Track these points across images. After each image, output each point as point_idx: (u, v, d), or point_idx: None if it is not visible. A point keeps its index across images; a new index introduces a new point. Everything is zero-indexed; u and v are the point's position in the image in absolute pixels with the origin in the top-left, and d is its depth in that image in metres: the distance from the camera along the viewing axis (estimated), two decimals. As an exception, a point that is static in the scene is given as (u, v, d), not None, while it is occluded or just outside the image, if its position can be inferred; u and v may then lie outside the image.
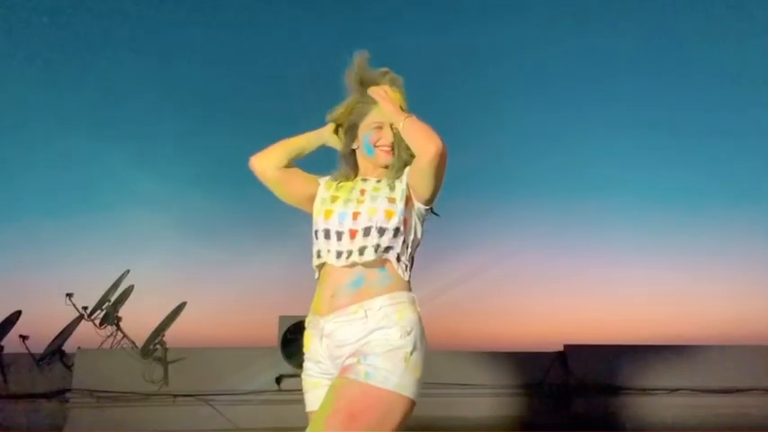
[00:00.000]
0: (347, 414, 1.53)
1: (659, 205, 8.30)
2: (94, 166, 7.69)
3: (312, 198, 1.92)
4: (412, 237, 1.83)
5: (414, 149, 1.75)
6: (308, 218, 1.91)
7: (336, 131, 1.97)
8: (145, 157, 7.65)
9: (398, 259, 1.76)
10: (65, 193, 7.69)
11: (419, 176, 1.76)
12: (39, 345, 5.40)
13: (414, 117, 1.77)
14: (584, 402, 5.60)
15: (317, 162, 2.02)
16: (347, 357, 1.66)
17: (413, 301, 1.75)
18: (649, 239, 8.25)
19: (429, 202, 1.83)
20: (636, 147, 8.44)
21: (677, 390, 5.66)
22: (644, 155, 8.47)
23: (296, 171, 1.94)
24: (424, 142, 1.70)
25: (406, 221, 1.79)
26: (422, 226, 1.87)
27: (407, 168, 1.86)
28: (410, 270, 1.81)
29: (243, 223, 7.61)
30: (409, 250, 1.81)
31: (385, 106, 1.82)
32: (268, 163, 1.90)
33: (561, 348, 5.88)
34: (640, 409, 5.58)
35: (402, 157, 1.87)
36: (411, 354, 1.64)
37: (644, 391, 5.66)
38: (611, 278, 8.08)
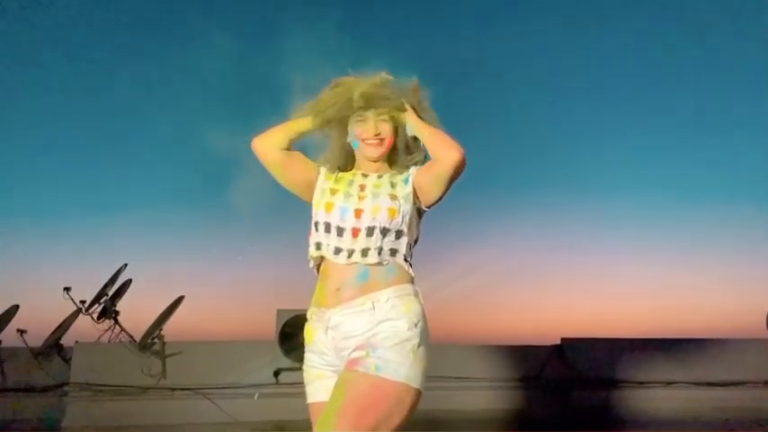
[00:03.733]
0: (359, 407, 1.54)
1: (656, 201, 8.34)
2: (92, 162, 7.68)
3: (311, 185, 1.91)
4: (415, 236, 1.85)
5: (434, 155, 1.80)
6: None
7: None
8: (140, 153, 7.64)
9: (405, 260, 1.78)
10: (62, 187, 7.68)
11: (433, 180, 1.79)
12: (37, 339, 5.41)
13: (438, 130, 1.84)
14: (581, 395, 5.62)
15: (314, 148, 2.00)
16: (354, 350, 1.66)
17: (417, 294, 1.77)
18: (647, 235, 8.29)
19: (433, 205, 1.85)
20: (634, 145, 8.50)
21: (673, 383, 5.70)
22: (641, 152, 8.53)
23: (297, 155, 1.93)
24: (447, 149, 1.77)
25: (410, 221, 1.81)
26: (420, 222, 1.88)
27: (413, 169, 1.87)
28: (410, 260, 1.83)
29: (240, 217, 7.59)
30: (411, 250, 1.83)
31: (411, 120, 1.87)
32: (270, 143, 1.89)
33: (559, 342, 5.91)
34: (637, 402, 5.61)
35: (401, 152, 1.89)
36: (418, 346, 1.65)
37: (641, 384, 5.69)
38: (608, 272, 8.12)
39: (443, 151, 1.77)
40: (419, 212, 1.87)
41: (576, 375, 5.67)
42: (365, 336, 1.66)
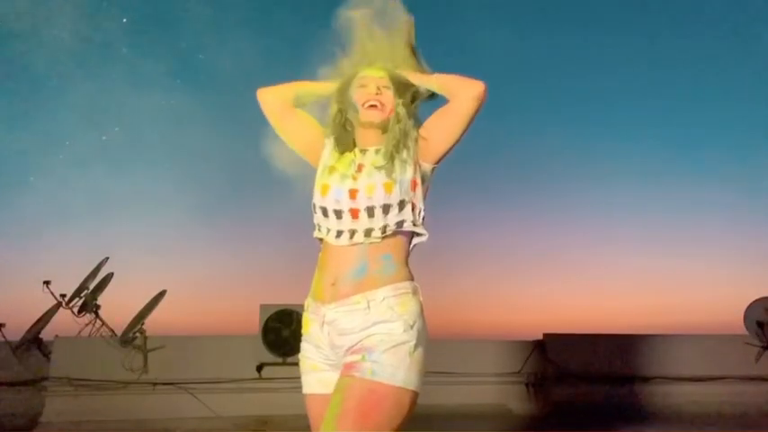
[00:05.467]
0: (358, 413, 1.53)
1: (639, 199, 8.42)
2: (75, 154, 7.59)
3: (314, 148, 1.88)
4: (421, 202, 1.78)
5: (451, 93, 1.77)
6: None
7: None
8: (125, 146, 7.56)
9: (413, 225, 1.73)
10: (43, 179, 7.58)
11: (450, 120, 1.76)
12: (15, 332, 5.34)
13: (443, 74, 1.82)
14: (563, 390, 5.67)
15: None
16: (349, 351, 1.64)
17: (416, 291, 1.72)
18: (629, 232, 8.37)
19: (441, 157, 1.80)
20: (622, 143, 8.57)
21: (654, 378, 5.76)
22: (629, 149, 8.60)
23: (303, 114, 1.91)
24: (464, 84, 1.75)
25: (415, 184, 1.75)
26: (428, 187, 1.82)
27: (416, 132, 1.81)
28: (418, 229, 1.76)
29: (224, 212, 7.57)
30: (422, 214, 1.77)
31: (410, 76, 1.84)
32: (275, 94, 1.90)
33: (540, 337, 5.96)
34: (617, 397, 5.66)
35: (401, 118, 1.80)
36: (415, 348, 1.62)
37: (621, 379, 5.75)
38: (589, 268, 8.20)
39: (461, 86, 1.75)
40: (426, 173, 1.80)
41: (557, 370, 5.72)
42: (361, 334, 1.63)
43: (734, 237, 8.06)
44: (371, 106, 1.79)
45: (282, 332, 5.08)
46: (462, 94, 1.74)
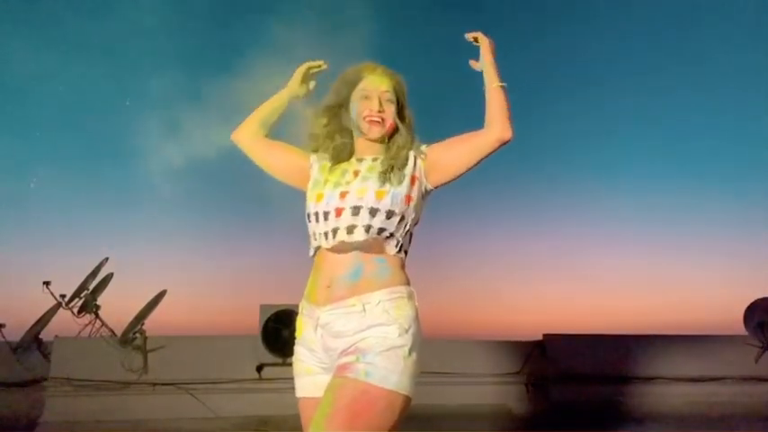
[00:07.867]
0: (349, 413, 1.52)
1: (639, 201, 8.43)
2: (74, 153, 7.59)
3: (300, 171, 1.88)
4: (413, 216, 1.77)
5: (493, 122, 1.76)
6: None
7: (303, 81, 2.01)
8: (125, 145, 7.57)
9: (395, 240, 1.71)
10: (42, 179, 7.58)
11: (468, 151, 1.76)
12: (15, 333, 5.34)
13: (504, 97, 1.80)
14: (562, 390, 5.67)
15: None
16: (343, 353, 1.63)
17: (411, 296, 1.71)
18: (630, 232, 8.37)
19: (444, 182, 1.80)
20: (623, 144, 8.59)
21: (654, 378, 5.76)
22: (632, 150, 8.62)
23: (279, 143, 1.95)
24: (506, 124, 1.74)
25: (408, 199, 1.74)
26: (423, 204, 1.82)
27: (424, 147, 1.81)
28: (408, 246, 1.77)
29: (224, 212, 7.57)
30: (407, 228, 1.75)
31: (488, 57, 1.86)
32: (244, 133, 1.95)
33: (540, 337, 5.95)
34: (617, 397, 5.66)
35: (405, 131, 1.82)
36: (409, 352, 1.62)
37: (621, 379, 5.75)
38: (589, 269, 8.20)
39: (501, 122, 1.75)
40: (423, 193, 1.80)
41: (557, 371, 5.72)
42: (355, 337, 1.62)
43: (734, 237, 8.08)
44: (373, 122, 1.79)
45: (282, 332, 5.07)
46: (496, 129, 1.74)
